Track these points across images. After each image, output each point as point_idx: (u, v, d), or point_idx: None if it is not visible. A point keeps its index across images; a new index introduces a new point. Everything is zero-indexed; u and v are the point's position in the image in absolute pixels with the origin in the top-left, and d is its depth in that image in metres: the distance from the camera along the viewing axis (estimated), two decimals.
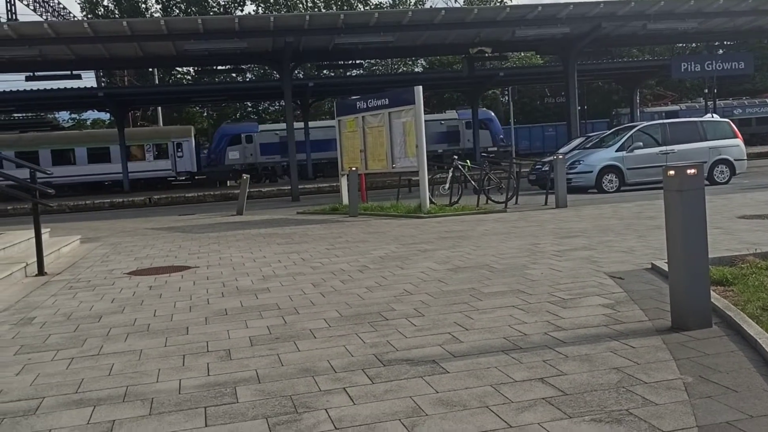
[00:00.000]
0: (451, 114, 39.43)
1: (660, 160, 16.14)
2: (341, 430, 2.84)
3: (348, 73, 41.57)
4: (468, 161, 17.41)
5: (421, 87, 13.01)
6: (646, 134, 17.13)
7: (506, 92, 46.85)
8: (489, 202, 14.26)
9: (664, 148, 16.64)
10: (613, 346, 3.78)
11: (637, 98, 37.63)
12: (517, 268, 6.39)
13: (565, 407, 2.96)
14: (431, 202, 13.56)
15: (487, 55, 23.56)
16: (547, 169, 15.54)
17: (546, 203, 13.51)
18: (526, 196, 15.60)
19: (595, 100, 51.77)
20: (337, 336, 4.35)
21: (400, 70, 53.17)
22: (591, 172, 16.62)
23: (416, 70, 53.10)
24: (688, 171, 3.94)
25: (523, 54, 46.76)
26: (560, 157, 13.89)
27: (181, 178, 34.65)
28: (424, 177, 13.03)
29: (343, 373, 3.58)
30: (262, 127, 36.64)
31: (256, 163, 35.35)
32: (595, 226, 9.49)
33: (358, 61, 27.80)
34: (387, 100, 13.95)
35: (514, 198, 14.09)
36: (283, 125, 37.90)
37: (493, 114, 38.81)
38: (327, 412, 3.05)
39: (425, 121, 21.13)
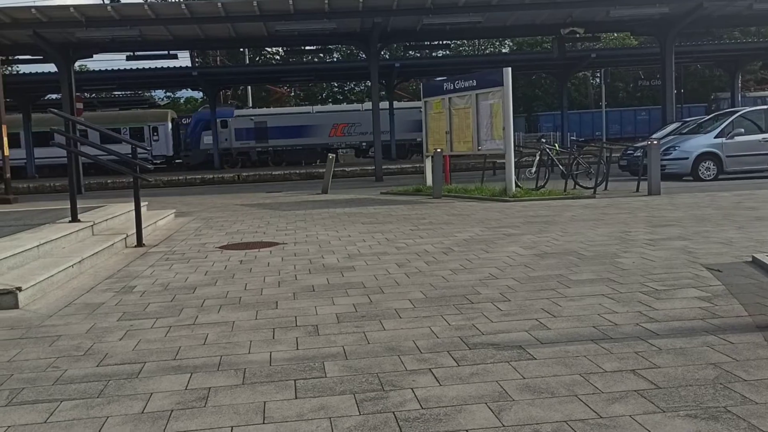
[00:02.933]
0: None
1: (763, 148, 15.27)
2: (427, 410, 2.86)
3: (434, 54, 41.33)
4: (556, 145, 17.00)
5: (510, 68, 12.77)
6: (749, 120, 16.21)
7: (597, 74, 45.40)
8: (577, 187, 13.91)
9: (767, 135, 15.72)
10: (710, 341, 3.63)
11: (739, 82, 35.57)
12: (607, 256, 6.22)
13: (658, 401, 2.87)
14: (517, 185, 13.35)
15: (578, 35, 22.82)
16: (639, 154, 14.99)
17: (637, 190, 13.05)
18: (616, 182, 15.11)
19: (692, 83, 49.41)
20: (422, 317, 4.37)
21: (487, 51, 52.41)
22: (687, 158, 15.90)
23: (503, 51, 52.17)
24: None
25: (616, 35, 45.13)
26: (654, 142, 13.35)
27: (156, 162, 34.81)
28: (511, 160, 12.84)
29: (429, 354, 3.61)
30: (237, 112, 36.45)
31: (231, 148, 35.15)
32: (691, 215, 9.10)
33: (444, 42, 27.57)
34: (474, 81, 13.78)
35: (604, 184, 13.67)
36: (257, 110, 38.15)
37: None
38: (413, 391, 3.08)
39: (405, 108, 20.97)
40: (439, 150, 13.95)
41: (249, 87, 44.45)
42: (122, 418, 2.90)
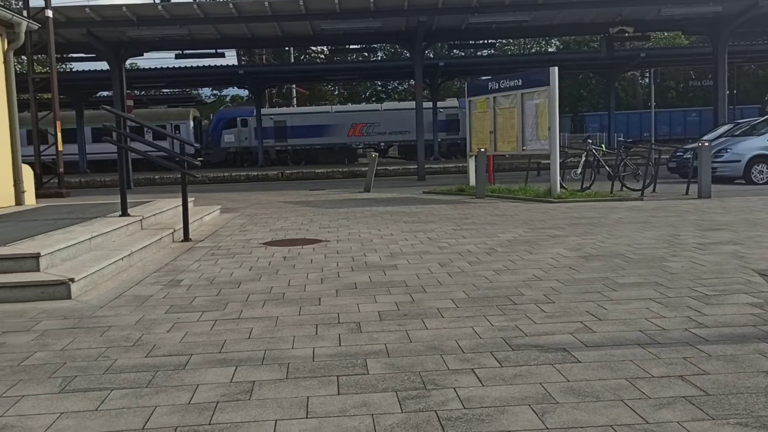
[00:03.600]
0: (451, 102, 37.70)
1: None
2: (470, 410, 2.86)
3: (478, 53, 41.05)
4: (603, 146, 16.73)
5: (556, 68, 12.62)
6: None
7: (646, 74, 44.50)
8: (624, 189, 13.66)
9: None
10: (762, 348, 3.53)
11: None
12: (655, 260, 6.10)
13: (707, 408, 2.81)
14: (562, 186, 13.18)
15: (627, 34, 22.39)
16: (689, 156, 14.64)
17: (687, 193, 12.75)
18: (665, 185, 14.79)
19: (745, 84, 48.04)
20: (464, 317, 4.36)
21: (532, 50, 51.85)
22: (739, 161, 15.45)
23: (549, 50, 51.53)
24: None
25: (666, 34, 44.16)
26: (705, 144, 13.02)
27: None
28: (556, 160, 12.68)
29: (471, 354, 3.59)
30: (264, 111, 36.65)
31: (251, 147, 35.27)
32: (743, 219, 8.86)
33: (489, 41, 27.36)
34: (520, 80, 13.65)
35: (652, 186, 13.40)
36: (278, 110, 38.21)
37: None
38: (455, 391, 3.07)
39: (423, 108, 20.76)
40: (482, 150, 13.86)
41: (294, 85, 44.85)
42: (170, 408, 2.96)
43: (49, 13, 16.56)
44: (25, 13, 15.99)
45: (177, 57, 24.16)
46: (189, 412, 2.92)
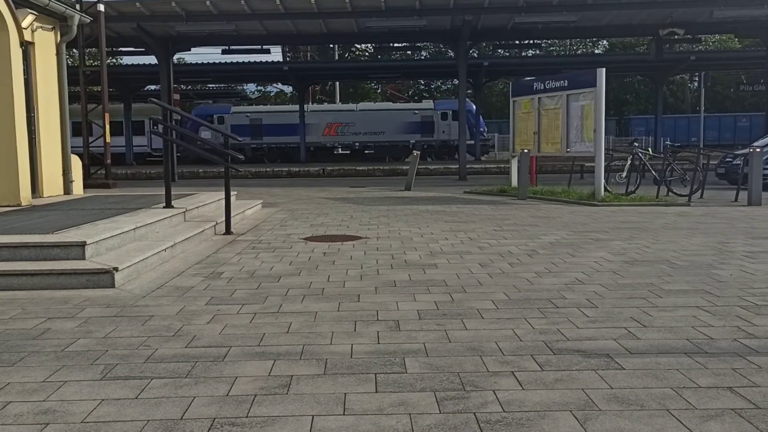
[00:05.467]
0: (427, 104, 36.90)
1: None
2: (509, 414, 2.80)
3: (523, 54, 40.62)
4: (650, 149, 16.38)
5: (604, 69, 12.38)
6: None
7: (695, 78, 43.48)
8: (670, 194, 13.34)
9: None
10: None
11: None
12: (702, 267, 5.93)
13: (757, 421, 2.70)
14: (606, 190, 12.94)
15: (677, 37, 21.87)
16: (739, 162, 14.22)
17: (736, 199, 12.39)
18: (713, 191, 14.40)
19: None
20: (504, 318, 4.29)
21: (579, 51, 51.09)
22: None
23: (596, 51, 50.72)
24: None
25: (718, 37, 43.05)
26: (756, 150, 12.63)
27: (156, 155, 34.70)
28: (601, 163, 12.45)
29: (511, 357, 3.53)
30: (234, 109, 36.17)
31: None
32: None
33: (535, 42, 27.04)
34: (566, 81, 13.44)
35: (700, 192, 13.06)
36: (253, 108, 37.70)
37: (472, 105, 35.84)
38: (495, 393, 3.02)
39: (398, 110, 20.38)
40: (526, 150, 13.69)
41: (337, 83, 45.04)
42: (208, 399, 2.98)
43: (101, 7, 16.92)
44: (77, 6, 16.36)
45: (224, 52, 24.44)
46: (227, 404, 2.93)
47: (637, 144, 17.17)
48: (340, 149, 34.62)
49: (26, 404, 2.95)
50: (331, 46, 42.87)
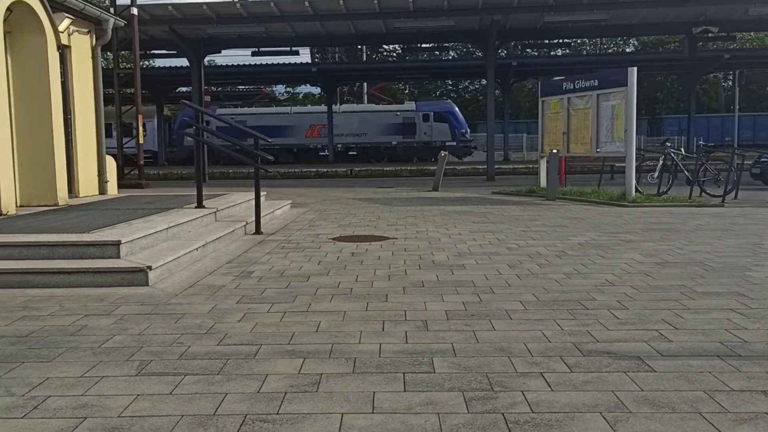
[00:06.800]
0: (408, 105, 36.36)
1: None
2: (538, 415, 2.80)
3: (552, 53, 40.28)
4: (682, 149, 16.15)
5: (635, 68, 12.25)
6: None
7: (729, 76, 42.71)
8: (703, 194, 13.14)
9: None
10: None
11: None
12: (736, 269, 5.84)
13: None
14: (637, 190, 12.79)
15: (711, 35, 21.52)
16: None
17: None
18: (748, 191, 14.15)
19: None
20: (533, 320, 4.28)
21: (609, 50, 50.52)
22: None
23: (627, 50, 50.10)
24: None
25: (755, 34, 42.24)
26: None
27: (144, 156, 34.92)
28: (631, 163, 12.31)
29: (540, 358, 3.53)
30: (220, 110, 36.03)
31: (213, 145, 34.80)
32: None
33: (564, 41, 26.78)
34: (596, 81, 13.32)
35: (734, 192, 12.84)
36: (238, 110, 37.45)
37: (454, 107, 35.17)
38: (523, 394, 3.02)
39: (379, 111, 19.94)
40: (555, 151, 13.60)
41: (365, 84, 45.16)
42: (240, 396, 3.03)
43: (135, 11, 17.21)
44: (112, 10, 16.65)
45: (253, 54, 24.69)
46: (258, 401, 2.97)
47: (669, 144, 16.93)
48: (326, 150, 34.55)
49: (65, 398, 3.04)
50: (359, 47, 43.00)
